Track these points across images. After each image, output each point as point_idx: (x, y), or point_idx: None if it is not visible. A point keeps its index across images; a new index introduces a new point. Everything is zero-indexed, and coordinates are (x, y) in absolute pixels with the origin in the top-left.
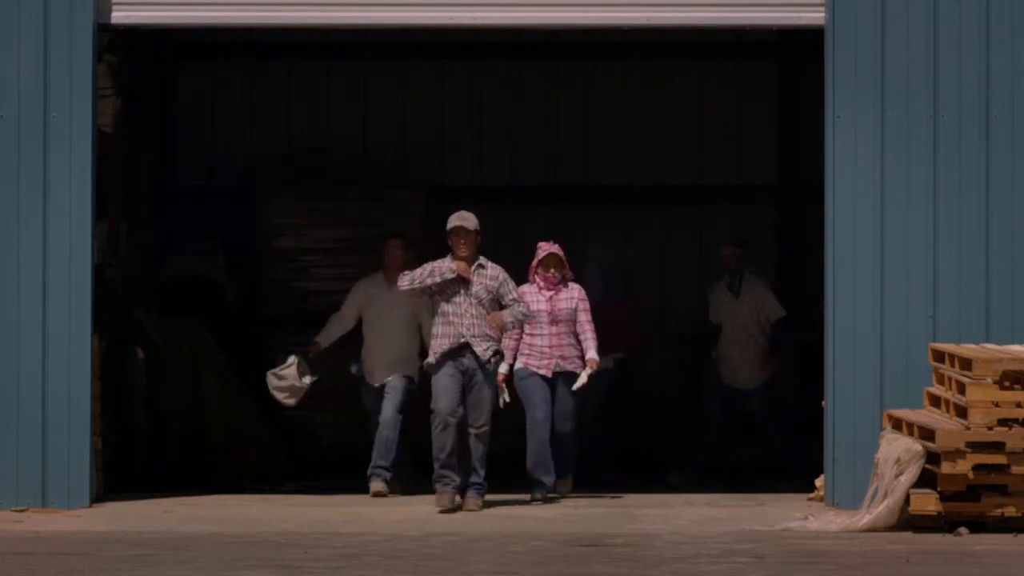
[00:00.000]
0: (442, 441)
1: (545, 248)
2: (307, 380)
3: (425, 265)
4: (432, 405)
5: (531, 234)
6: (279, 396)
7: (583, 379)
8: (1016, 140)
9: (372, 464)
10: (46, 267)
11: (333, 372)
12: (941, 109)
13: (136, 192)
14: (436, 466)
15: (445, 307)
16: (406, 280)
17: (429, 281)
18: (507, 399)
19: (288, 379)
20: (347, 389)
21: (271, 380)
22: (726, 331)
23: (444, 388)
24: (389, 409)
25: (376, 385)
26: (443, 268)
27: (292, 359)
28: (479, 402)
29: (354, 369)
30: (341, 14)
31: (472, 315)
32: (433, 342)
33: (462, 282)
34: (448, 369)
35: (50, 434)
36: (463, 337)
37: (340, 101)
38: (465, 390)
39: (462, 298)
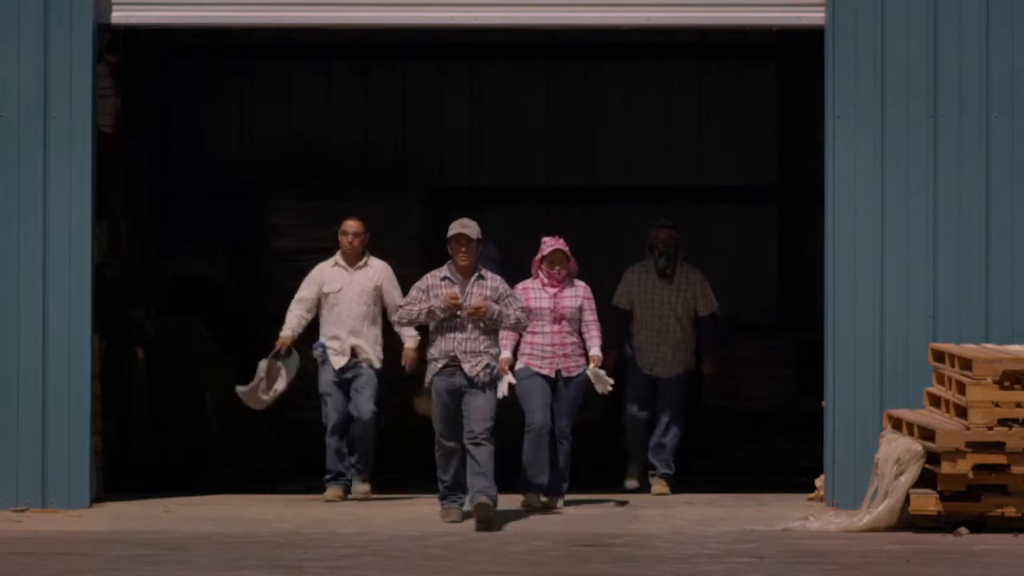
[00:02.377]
0: (447, 466)
1: (549, 243)
2: (273, 393)
3: (418, 298)
4: (434, 424)
5: (531, 234)
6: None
7: (602, 380)
8: (1016, 139)
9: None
10: (46, 267)
11: None
12: (941, 109)
13: (136, 192)
14: (442, 487)
15: (440, 323)
16: (403, 314)
17: (426, 320)
18: (512, 381)
19: (251, 390)
20: None
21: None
22: (646, 319)
23: (441, 413)
24: (366, 408)
25: (335, 368)
26: (436, 304)
27: (260, 370)
28: (472, 412)
29: (319, 352)
30: (341, 14)
31: (468, 330)
32: (429, 360)
33: (459, 292)
34: (442, 396)
35: (50, 434)
36: (453, 352)
37: (340, 101)
38: (459, 405)
39: (459, 312)
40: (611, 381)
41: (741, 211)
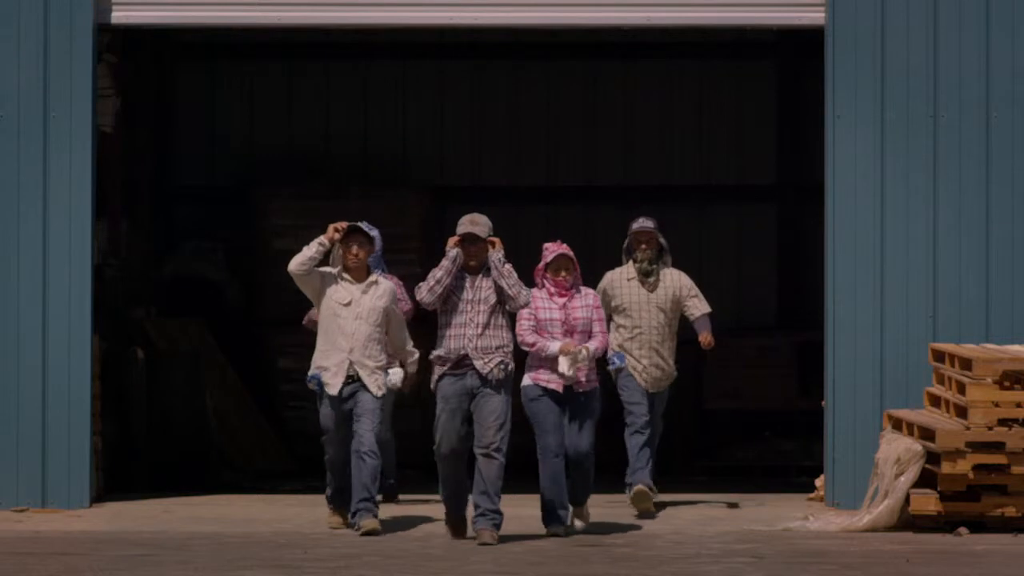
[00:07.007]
0: (455, 489)
1: (552, 249)
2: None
3: (432, 274)
4: (435, 445)
5: (531, 234)
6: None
7: (574, 359)
8: (1016, 140)
9: (357, 498)
10: (46, 267)
11: None
12: (941, 109)
13: (136, 192)
14: (446, 505)
15: (447, 317)
16: (423, 288)
17: (440, 289)
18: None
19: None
20: None
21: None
22: (637, 331)
23: (445, 426)
24: (368, 435)
25: (334, 395)
26: (445, 267)
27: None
28: (485, 417)
29: (314, 383)
30: (341, 14)
31: (478, 324)
32: (435, 361)
33: (468, 287)
34: (450, 403)
35: (50, 434)
36: (463, 350)
37: (340, 101)
38: (470, 409)
39: (468, 306)
40: (581, 369)
41: (741, 211)
